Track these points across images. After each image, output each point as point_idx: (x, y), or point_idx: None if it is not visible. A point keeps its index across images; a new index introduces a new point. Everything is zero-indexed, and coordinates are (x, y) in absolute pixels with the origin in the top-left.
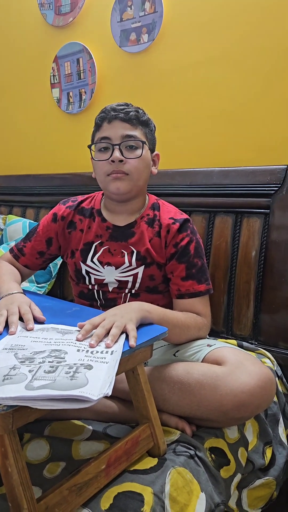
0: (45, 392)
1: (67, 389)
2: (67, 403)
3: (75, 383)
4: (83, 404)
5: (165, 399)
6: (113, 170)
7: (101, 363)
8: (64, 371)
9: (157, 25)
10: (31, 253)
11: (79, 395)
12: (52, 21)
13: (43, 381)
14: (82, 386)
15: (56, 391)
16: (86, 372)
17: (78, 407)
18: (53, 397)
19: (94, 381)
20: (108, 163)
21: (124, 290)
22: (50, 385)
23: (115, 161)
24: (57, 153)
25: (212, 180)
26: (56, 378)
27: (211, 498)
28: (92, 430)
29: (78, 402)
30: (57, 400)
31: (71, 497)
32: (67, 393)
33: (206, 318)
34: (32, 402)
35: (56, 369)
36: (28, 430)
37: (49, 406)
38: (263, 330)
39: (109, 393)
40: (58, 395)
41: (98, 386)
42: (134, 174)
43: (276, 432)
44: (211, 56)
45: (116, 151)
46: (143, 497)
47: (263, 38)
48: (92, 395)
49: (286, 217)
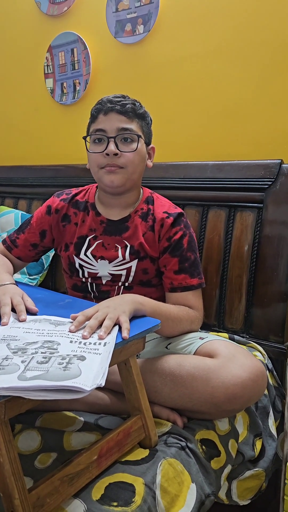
0: (38, 382)
1: (60, 380)
2: (60, 394)
3: (68, 373)
4: (76, 395)
5: (157, 391)
6: (108, 163)
7: (94, 354)
8: (57, 362)
9: (153, 16)
10: (24, 245)
11: (72, 385)
12: (46, 10)
13: (36, 372)
14: (75, 377)
15: (49, 381)
16: (79, 363)
17: (71, 397)
18: (46, 388)
19: (87, 372)
20: (102, 156)
21: (117, 283)
22: (43, 375)
23: (110, 154)
24: (50, 144)
25: (206, 174)
26: (49, 369)
27: (201, 488)
28: (84, 421)
29: (71, 393)
30: (50, 390)
31: (62, 487)
32: (60, 384)
33: (198, 312)
34: (25, 393)
35: (49, 360)
36: (20, 421)
37: (42, 397)
38: (255, 324)
39: (102, 384)
40: (51, 386)
41: (91, 377)
42: (129, 167)
43: (266, 424)
44: (207, 48)
45: (111, 144)
46: (134, 488)
47: (260, 31)
48: (85, 386)
49: (279, 211)
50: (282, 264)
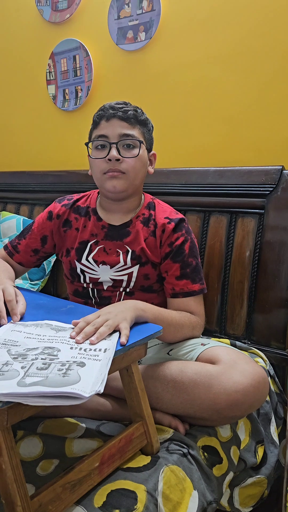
0: (37, 388)
1: (59, 386)
2: (59, 400)
3: (67, 380)
4: (75, 401)
5: (158, 397)
6: (110, 169)
7: (93, 360)
8: (57, 368)
9: (155, 24)
10: (26, 250)
11: (70, 391)
12: (48, 17)
13: (35, 378)
14: (74, 383)
15: (48, 387)
16: (79, 369)
17: (70, 403)
18: (45, 394)
19: (86, 378)
20: (104, 161)
21: (118, 288)
22: (42, 381)
23: (112, 160)
24: (52, 150)
25: (207, 180)
26: (49, 375)
27: (203, 496)
28: (86, 427)
29: (70, 399)
30: (49, 397)
31: (64, 494)
32: (59, 390)
33: (200, 317)
34: (24, 399)
35: (48, 366)
36: (22, 427)
37: (41, 403)
38: (256, 330)
39: (101, 390)
40: (50, 392)
41: (90, 383)
42: (130, 173)
43: (268, 431)
44: (208, 55)
45: (113, 150)
46: (136, 495)
47: (262, 38)
48: (83, 392)
49: (281, 217)
50: (284, 270)
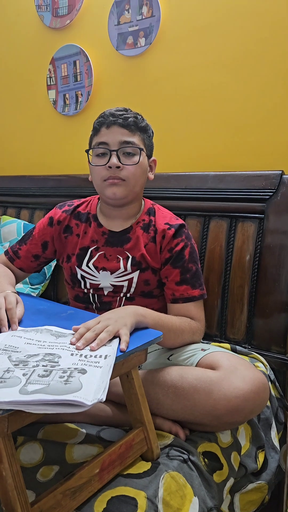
0: (39, 396)
1: (61, 394)
2: (61, 408)
3: (69, 387)
4: (77, 409)
5: (159, 403)
6: (110, 176)
7: (94, 367)
8: (58, 375)
9: (154, 29)
10: (26, 256)
11: (73, 399)
12: (49, 23)
13: (37, 385)
14: (76, 391)
15: (50, 395)
16: (80, 376)
17: (72, 411)
18: (47, 402)
19: (88, 385)
20: (105, 169)
21: (119, 294)
22: (44, 389)
23: (112, 167)
24: (52, 154)
25: (207, 184)
26: (50, 382)
27: (204, 502)
28: (86, 433)
29: (72, 407)
30: (51, 404)
31: (64, 501)
32: (61, 398)
33: (200, 323)
34: (26, 406)
35: (50, 373)
36: (22, 433)
37: (43, 410)
38: (257, 334)
39: (103, 399)
40: (52, 400)
41: (92, 390)
42: (131, 180)
43: (269, 436)
44: (208, 61)
45: (114, 157)
46: (137, 501)
47: (261, 43)
48: (86, 400)
49: (281, 222)
50: (284, 274)
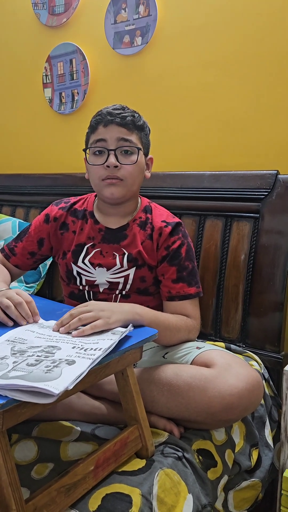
0: (13, 381)
1: (36, 381)
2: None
3: (46, 376)
4: (46, 399)
5: (153, 400)
6: (108, 175)
7: (86, 359)
8: (45, 365)
9: (151, 29)
10: (22, 253)
11: (42, 387)
12: (45, 21)
13: (19, 372)
14: (51, 380)
15: (24, 381)
16: (65, 367)
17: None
18: (18, 387)
19: (66, 376)
20: (103, 168)
21: (114, 291)
22: (23, 376)
23: (110, 166)
24: (48, 153)
25: (203, 184)
26: (34, 371)
27: (198, 499)
28: (81, 431)
29: (41, 396)
30: (22, 391)
31: (59, 498)
32: (31, 384)
33: (195, 321)
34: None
35: (39, 363)
36: (16, 430)
37: (16, 397)
38: (251, 333)
39: (69, 388)
40: (24, 386)
41: (68, 381)
42: (128, 179)
43: (263, 434)
44: (204, 60)
45: (112, 157)
46: (131, 498)
47: (257, 43)
48: (55, 389)
49: (275, 221)
50: (278, 273)
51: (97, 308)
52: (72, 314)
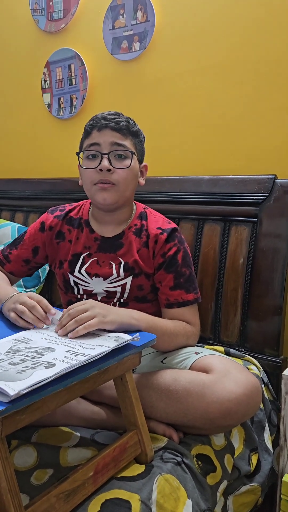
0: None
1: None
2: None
3: (17, 376)
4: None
5: (152, 406)
6: (100, 180)
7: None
8: (25, 365)
9: (149, 34)
10: (17, 260)
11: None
12: (44, 27)
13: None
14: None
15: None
16: (41, 370)
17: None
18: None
19: (34, 378)
20: (96, 172)
21: (112, 299)
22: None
23: (103, 170)
24: (47, 157)
25: (201, 188)
26: (10, 369)
27: (197, 504)
28: (80, 436)
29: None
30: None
31: (58, 504)
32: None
33: (195, 327)
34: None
35: (23, 362)
36: (16, 436)
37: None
38: (250, 337)
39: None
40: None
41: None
42: (121, 184)
43: (262, 438)
44: (201, 65)
45: (105, 160)
46: (131, 504)
47: (254, 49)
48: (11, 390)
49: (274, 225)
50: (277, 277)
51: (93, 307)
52: (70, 314)
